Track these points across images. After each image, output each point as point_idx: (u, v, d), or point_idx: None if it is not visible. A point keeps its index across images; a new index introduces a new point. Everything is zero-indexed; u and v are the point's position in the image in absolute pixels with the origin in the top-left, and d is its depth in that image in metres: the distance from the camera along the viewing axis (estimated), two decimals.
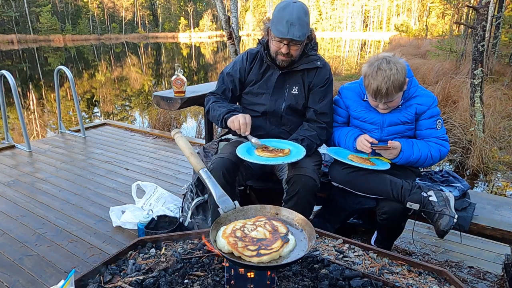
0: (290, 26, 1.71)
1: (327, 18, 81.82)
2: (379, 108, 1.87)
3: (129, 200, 2.78)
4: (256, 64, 1.99)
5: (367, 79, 1.77)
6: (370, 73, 1.75)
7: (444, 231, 1.65)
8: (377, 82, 1.71)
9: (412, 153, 1.83)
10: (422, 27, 33.19)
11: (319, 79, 1.94)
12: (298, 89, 1.94)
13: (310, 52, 1.93)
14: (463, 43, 11.26)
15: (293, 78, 1.94)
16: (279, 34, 1.74)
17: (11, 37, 45.27)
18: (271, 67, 1.95)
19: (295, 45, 1.80)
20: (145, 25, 72.85)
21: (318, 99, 1.94)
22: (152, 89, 12.68)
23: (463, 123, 5.64)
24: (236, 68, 2.01)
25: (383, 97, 1.75)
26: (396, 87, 1.73)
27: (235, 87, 2.01)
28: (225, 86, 2.01)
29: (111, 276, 1.15)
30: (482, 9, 5.12)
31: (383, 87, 1.71)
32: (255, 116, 1.96)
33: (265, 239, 1.02)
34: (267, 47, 1.93)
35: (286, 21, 1.71)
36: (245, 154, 1.66)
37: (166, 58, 28.12)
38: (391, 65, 1.72)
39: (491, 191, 4.38)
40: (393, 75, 1.70)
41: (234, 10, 5.34)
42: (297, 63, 1.91)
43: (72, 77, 4.24)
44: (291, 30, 1.71)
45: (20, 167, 3.49)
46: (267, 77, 1.96)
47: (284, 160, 1.62)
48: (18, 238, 2.30)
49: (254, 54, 2.00)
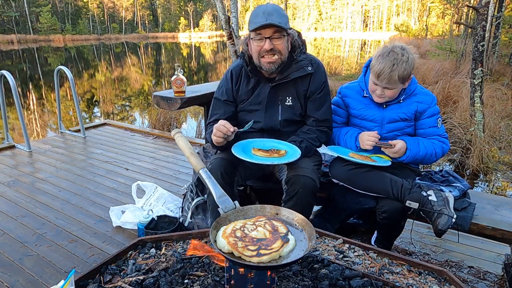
0: (268, 15, 1.63)
1: (327, 18, 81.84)
2: (376, 94, 1.85)
3: (129, 200, 2.78)
4: (242, 81, 1.86)
5: (376, 58, 1.78)
6: (382, 53, 1.77)
7: (442, 231, 1.65)
8: (386, 62, 1.73)
9: (419, 150, 1.84)
10: (422, 27, 33.21)
11: (315, 85, 1.84)
12: (292, 99, 1.84)
13: (299, 56, 1.82)
14: (463, 43, 11.26)
15: (285, 89, 1.83)
16: (257, 24, 1.63)
17: (11, 37, 45.32)
18: (260, 81, 1.84)
19: (278, 39, 1.69)
20: (145, 25, 72.88)
21: (317, 106, 1.86)
22: (152, 89, 12.68)
23: (463, 123, 5.64)
24: (222, 90, 1.89)
25: (385, 79, 1.75)
26: (401, 74, 1.74)
27: (228, 110, 1.89)
28: (218, 113, 1.89)
29: (111, 276, 1.15)
30: (482, 9, 5.12)
31: (388, 68, 1.72)
32: (253, 132, 1.88)
33: (265, 239, 1.02)
34: (250, 63, 1.81)
35: (263, 12, 1.64)
36: (241, 153, 1.65)
37: (166, 58, 28.12)
38: (404, 51, 1.75)
39: (491, 191, 4.38)
40: (403, 62, 1.72)
41: (234, 10, 5.34)
42: (287, 72, 1.79)
43: (72, 77, 4.24)
44: (269, 18, 1.62)
45: (20, 167, 3.49)
46: (257, 92, 1.84)
47: (278, 160, 1.61)
48: (18, 238, 2.30)
49: (238, 71, 1.87)
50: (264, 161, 1.60)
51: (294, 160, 1.62)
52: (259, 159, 1.61)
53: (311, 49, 25.13)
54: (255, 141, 1.80)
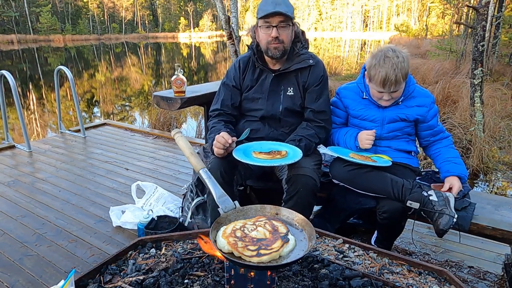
0: (276, 5, 1.74)
1: (327, 18, 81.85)
2: (383, 99, 1.85)
3: (129, 200, 2.78)
4: (249, 70, 1.98)
5: (374, 68, 1.77)
6: (376, 62, 1.77)
7: (444, 231, 1.65)
8: (386, 69, 1.73)
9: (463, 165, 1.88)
10: (422, 27, 33.17)
11: (314, 78, 1.93)
12: (294, 90, 1.93)
13: (302, 51, 1.92)
14: (463, 43, 11.26)
15: (287, 79, 1.93)
16: (266, 12, 1.75)
17: (11, 37, 45.31)
18: (264, 71, 1.94)
19: (284, 29, 1.79)
20: (145, 25, 72.87)
21: (314, 98, 1.93)
22: (152, 89, 12.68)
23: (463, 123, 5.64)
24: (230, 77, 2.01)
25: (392, 85, 1.76)
26: (403, 75, 1.75)
27: (234, 96, 2.00)
28: (223, 97, 1.99)
29: (111, 276, 1.15)
30: (482, 9, 5.12)
31: (392, 74, 1.72)
32: (254, 121, 1.97)
33: (265, 239, 1.02)
34: (257, 51, 1.93)
35: (272, 1, 1.75)
36: (243, 156, 1.66)
37: (166, 58, 28.12)
38: (397, 53, 1.75)
39: (491, 191, 4.38)
40: (400, 62, 1.73)
41: (234, 10, 5.34)
42: (289, 63, 1.90)
43: (72, 77, 4.24)
44: (277, 7, 1.74)
45: (20, 167, 3.49)
46: (261, 81, 1.95)
47: (282, 162, 1.62)
48: (18, 238, 2.30)
49: (246, 61, 2.00)
50: (269, 163, 1.61)
51: (298, 160, 1.64)
52: (264, 162, 1.62)
53: (311, 49, 25.08)
54: (253, 145, 1.81)
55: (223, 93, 2.00)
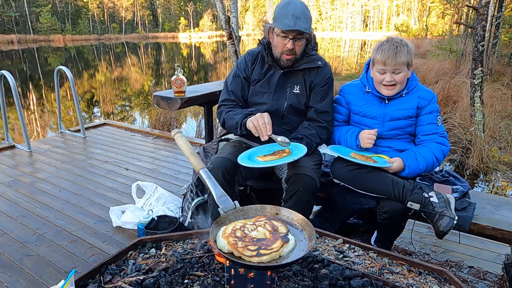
0: (296, 19, 1.74)
1: (327, 18, 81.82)
2: (386, 81, 1.84)
3: (129, 200, 2.78)
4: (258, 64, 2.01)
5: (377, 50, 1.84)
6: (380, 44, 1.84)
7: (444, 232, 1.65)
8: (388, 45, 1.79)
9: (418, 165, 1.81)
10: (422, 27, 33.18)
11: (321, 79, 1.95)
12: (300, 88, 1.96)
13: (311, 51, 1.96)
14: (463, 43, 11.27)
15: (295, 77, 1.96)
16: (286, 27, 1.75)
17: (11, 37, 45.29)
18: (273, 66, 1.97)
19: (299, 40, 1.82)
20: (145, 25, 72.85)
21: (319, 98, 1.95)
22: (152, 89, 12.68)
23: (463, 123, 5.64)
24: (241, 68, 2.03)
25: (392, 61, 1.77)
26: (405, 57, 1.78)
27: (243, 86, 2.02)
28: (232, 88, 2.01)
29: (111, 276, 1.15)
30: (482, 9, 5.12)
31: (393, 49, 1.77)
32: None
33: (265, 239, 1.02)
34: (268, 48, 1.95)
35: (292, 14, 1.74)
36: (249, 162, 1.65)
37: (166, 58, 28.12)
38: (400, 40, 1.83)
39: (491, 191, 4.38)
40: (403, 45, 1.81)
41: (234, 10, 5.34)
42: (299, 62, 1.92)
43: (72, 77, 4.24)
44: (298, 23, 1.74)
45: (20, 167, 3.49)
46: (269, 76, 1.98)
47: (291, 158, 1.62)
48: (18, 238, 2.30)
49: (255, 54, 2.02)
50: (278, 163, 1.62)
51: (304, 154, 1.66)
52: (276, 162, 1.63)
53: None
54: (253, 152, 1.80)
55: (234, 84, 2.02)
